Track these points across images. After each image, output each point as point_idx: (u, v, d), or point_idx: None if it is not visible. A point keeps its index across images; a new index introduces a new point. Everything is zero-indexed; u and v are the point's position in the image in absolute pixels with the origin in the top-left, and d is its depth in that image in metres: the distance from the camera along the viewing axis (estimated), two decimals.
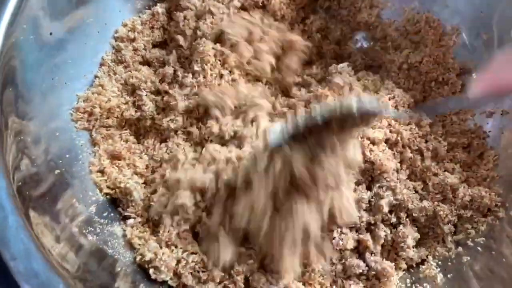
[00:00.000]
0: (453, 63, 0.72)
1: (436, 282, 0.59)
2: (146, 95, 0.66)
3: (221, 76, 0.66)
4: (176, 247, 0.56)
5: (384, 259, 0.58)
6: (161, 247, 0.56)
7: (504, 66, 0.50)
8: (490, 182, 0.64)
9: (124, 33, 0.69)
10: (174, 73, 0.67)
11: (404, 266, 0.60)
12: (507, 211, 0.61)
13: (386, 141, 0.64)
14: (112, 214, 0.59)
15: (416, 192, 0.63)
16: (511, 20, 0.67)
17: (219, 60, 0.66)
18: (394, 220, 0.61)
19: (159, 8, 0.71)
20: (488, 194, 0.61)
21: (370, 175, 0.63)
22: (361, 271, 0.57)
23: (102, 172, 0.61)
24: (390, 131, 0.64)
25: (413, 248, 0.60)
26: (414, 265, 0.61)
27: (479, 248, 0.60)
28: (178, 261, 0.55)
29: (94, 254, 0.53)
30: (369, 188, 0.63)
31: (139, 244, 0.57)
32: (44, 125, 0.56)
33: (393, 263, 0.58)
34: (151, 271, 0.54)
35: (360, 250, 0.60)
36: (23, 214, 0.46)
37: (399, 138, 0.64)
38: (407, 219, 0.62)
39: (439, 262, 0.60)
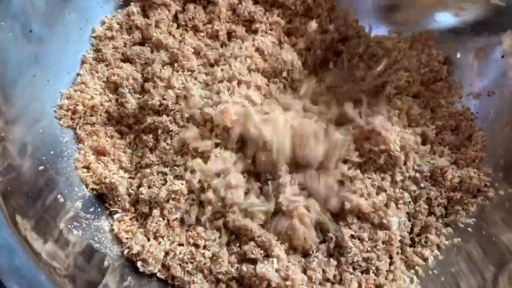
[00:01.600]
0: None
1: (427, 264, 0.59)
2: (128, 92, 0.65)
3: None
4: (163, 238, 0.56)
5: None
6: (148, 240, 0.55)
7: None
8: (479, 162, 0.64)
9: (101, 32, 0.68)
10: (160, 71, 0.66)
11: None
12: (497, 191, 0.61)
13: None
14: (99, 209, 0.59)
15: None
16: None
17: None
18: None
19: (134, 8, 0.70)
20: (477, 174, 0.62)
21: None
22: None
23: (87, 168, 0.60)
24: None
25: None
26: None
27: (469, 229, 0.60)
28: (166, 253, 0.55)
29: (81, 250, 0.53)
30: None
31: (127, 238, 0.57)
32: (27, 123, 0.56)
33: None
34: (139, 264, 0.54)
35: None
36: (7, 214, 0.46)
37: None
38: None
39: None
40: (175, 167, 0.60)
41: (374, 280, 0.57)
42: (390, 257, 0.58)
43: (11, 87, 0.55)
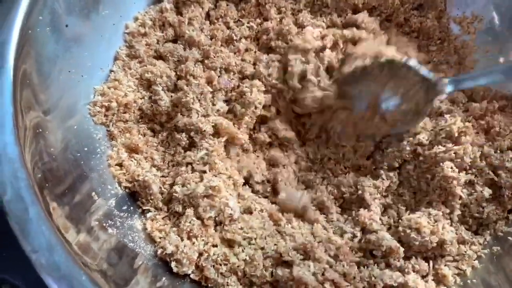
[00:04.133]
0: None
1: (466, 273, 0.57)
2: (162, 89, 0.65)
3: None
4: (197, 239, 0.55)
5: None
6: (182, 239, 0.55)
7: None
8: None
9: (134, 28, 0.67)
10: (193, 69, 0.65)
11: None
12: None
13: None
14: (131, 208, 0.58)
15: None
16: None
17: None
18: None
19: (167, 4, 0.70)
20: None
21: None
22: None
23: (120, 165, 0.60)
24: None
25: None
26: None
27: (510, 238, 0.58)
28: (200, 254, 0.54)
29: (114, 247, 0.52)
30: None
31: (160, 237, 0.56)
32: (61, 118, 0.55)
33: None
34: (172, 264, 0.53)
35: None
36: (44, 207, 0.45)
37: None
38: None
39: None
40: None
41: None
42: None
43: (47, 80, 0.55)
